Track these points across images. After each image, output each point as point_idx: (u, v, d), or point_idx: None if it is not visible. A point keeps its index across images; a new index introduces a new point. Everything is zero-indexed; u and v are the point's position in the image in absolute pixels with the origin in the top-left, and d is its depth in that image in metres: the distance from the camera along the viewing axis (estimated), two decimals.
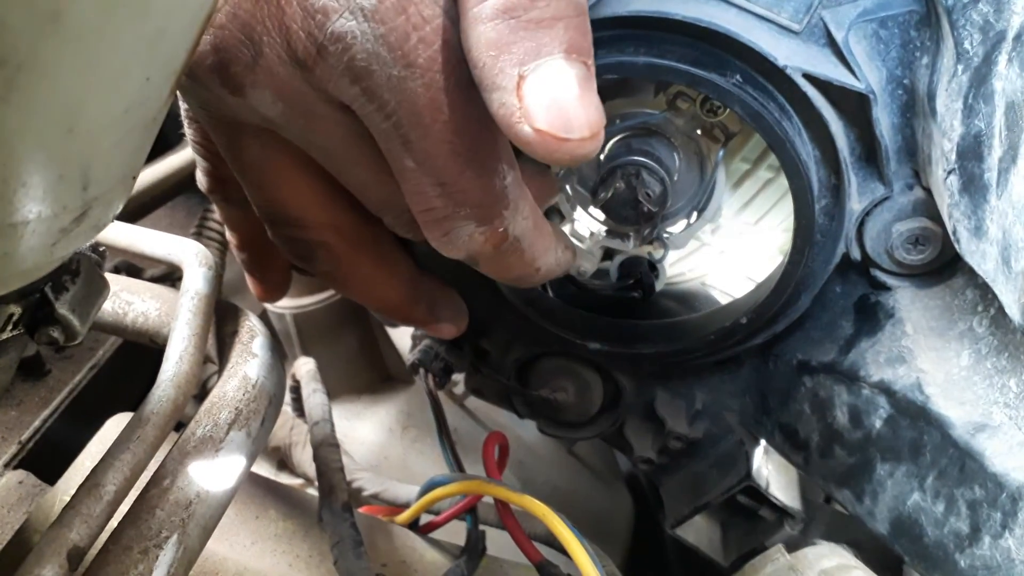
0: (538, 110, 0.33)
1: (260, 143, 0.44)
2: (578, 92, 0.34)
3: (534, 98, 0.33)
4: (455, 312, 0.58)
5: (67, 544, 0.33)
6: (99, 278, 0.38)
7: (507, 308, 0.62)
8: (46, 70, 0.23)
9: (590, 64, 0.35)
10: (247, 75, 0.38)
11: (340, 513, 0.48)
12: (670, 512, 0.67)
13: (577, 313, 0.64)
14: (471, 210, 0.40)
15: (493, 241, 0.42)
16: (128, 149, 0.30)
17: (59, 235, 0.30)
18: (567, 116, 0.33)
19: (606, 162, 0.59)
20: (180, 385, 0.40)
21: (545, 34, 0.33)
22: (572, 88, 0.34)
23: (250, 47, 0.37)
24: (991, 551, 0.43)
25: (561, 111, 0.33)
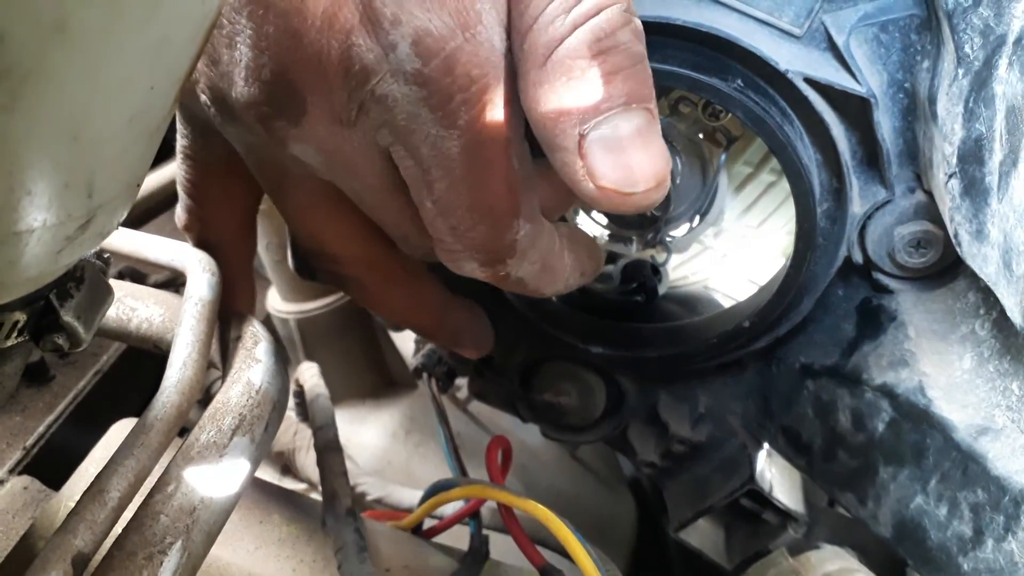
0: (601, 168, 0.34)
1: (302, 186, 0.44)
2: (640, 143, 0.34)
3: (595, 157, 0.34)
4: (479, 337, 0.59)
5: (72, 550, 0.33)
6: (103, 285, 0.38)
7: (510, 312, 0.62)
8: (51, 79, 0.23)
9: (652, 109, 0.34)
10: (291, 130, 0.38)
11: (344, 518, 0.48)
12: (673, 515, 0.67)
13: (580, 317, 0.64)
14: (477, 253, 0.41)
15: (495, 279, 0.43)
16: (133, 157, 0.30)
17: (64, 243, 0.30)
18: (630, 171, 0.34)
19: None
20: (184, 391, 0.40)
21: (607, 89, 0.33)
22: (633, 141, 0.34)
23: (295, 106, 0.37)
24: (994, 554, 0.43)
25: (624, 167, 0.34)
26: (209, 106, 0.41)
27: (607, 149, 0.34)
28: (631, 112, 0.34)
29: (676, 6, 0.49)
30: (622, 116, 0.34)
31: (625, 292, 0.65)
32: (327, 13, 0.34)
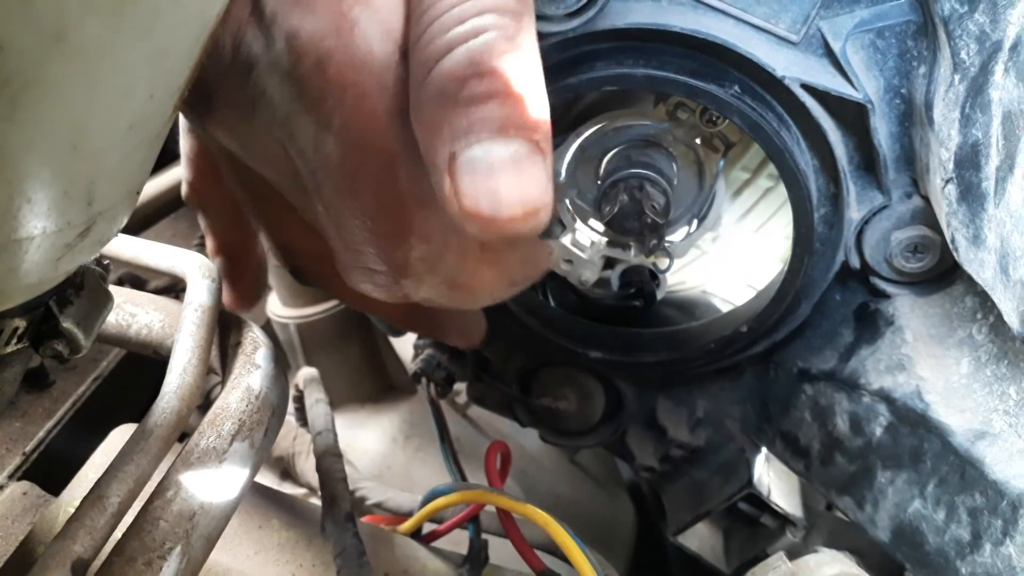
0: (465, 189, 0.33)
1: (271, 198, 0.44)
2: (511, 170, 0.33)
3: (461, 178, 0.33)
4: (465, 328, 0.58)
5: (71, 556, 0.33)
6: (103, 291, 0.39)
7: (509, 317, 0.62)
8: (51, 89, 0.23)
9: (537, 140, 0.33)
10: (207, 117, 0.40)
11: (343, 523, 0.48)
12: (672, 520, 0.67)
13: (578, 322, 0.64)
14: (368, 271, 0.40)
15: (392, 300, 0.42)
16: (132, 165, 0.31)
17: (64, 250, 0.30)
18: (495, 196, 0.32)
19: (606, 176, 0.59)
20: (184, 397, 0.40)
21: (478, 111, 0.33)
22: (504, 167, 0.33)
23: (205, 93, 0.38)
24: (992, 558, 0.43)
25: (489, 191, 0.32)
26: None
27: (474, 171, 0.33)
28: (507, 139, 0.33)
29: (673, 13, 0.49)
30: (497, 141, 0.33)
31: (623, 297, 0.65)
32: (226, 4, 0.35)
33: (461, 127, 0.33)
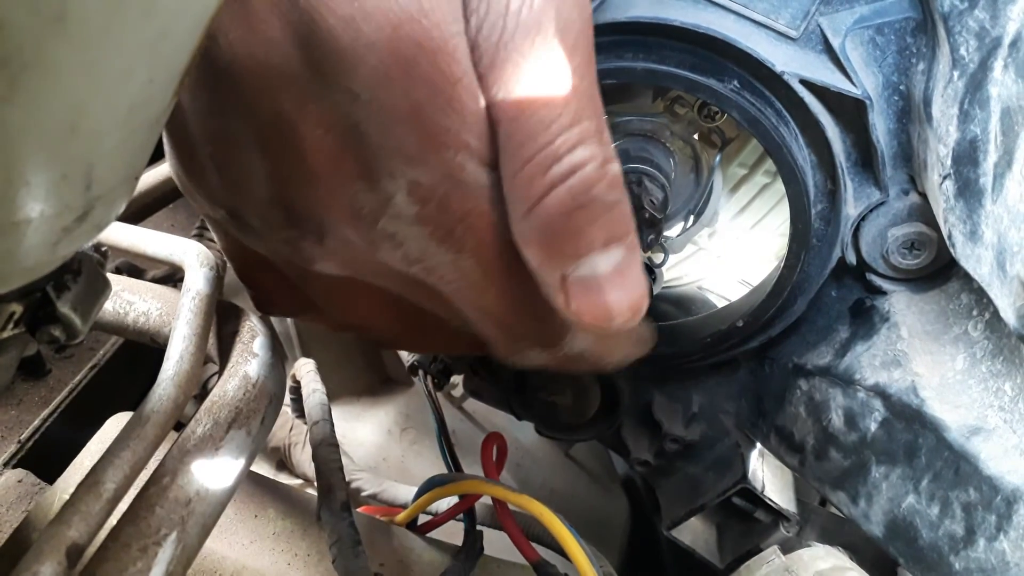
0: (581, 307, 0.37)
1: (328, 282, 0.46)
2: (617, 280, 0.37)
3: (575, 297, 0.37)
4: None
5: (66, 541, 0.33)
6: (101, 277, 0.39)
7: None
8: (50, 70, 0.23)
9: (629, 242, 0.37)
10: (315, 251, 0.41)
11: (339, 512, 0.48)
12: (666, 514, 0.67)
13: None
14: (533, 343, 0.44)
15: (556, 360, 0.46)
16: (131, 149, 0.31)
17: (61, 234, 0.30)
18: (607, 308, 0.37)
19: None
20: (181, 384, 0.40)
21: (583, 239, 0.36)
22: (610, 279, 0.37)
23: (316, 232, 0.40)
24: (986, 553, 0.43)
25: (601, 305, 0.37)
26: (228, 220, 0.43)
27: (586, 289, 0.37)
28: (609, 251, 0.37)
29: (673, 7, 0.49)
30: (600, 256, 0.36)
31: None
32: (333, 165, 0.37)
33: (570, 253, 0.36)
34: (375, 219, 0.39)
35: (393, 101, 0.36)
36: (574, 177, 0.36)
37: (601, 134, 0.36)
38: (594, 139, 0.36)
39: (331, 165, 0.38)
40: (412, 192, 0.37)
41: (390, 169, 0.37)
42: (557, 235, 0.36)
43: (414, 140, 0.36)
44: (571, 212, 0.36)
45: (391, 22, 0.35)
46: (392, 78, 0.35)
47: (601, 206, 0.36)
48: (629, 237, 0.37)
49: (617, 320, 0.37)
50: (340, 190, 0.38)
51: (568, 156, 0.36)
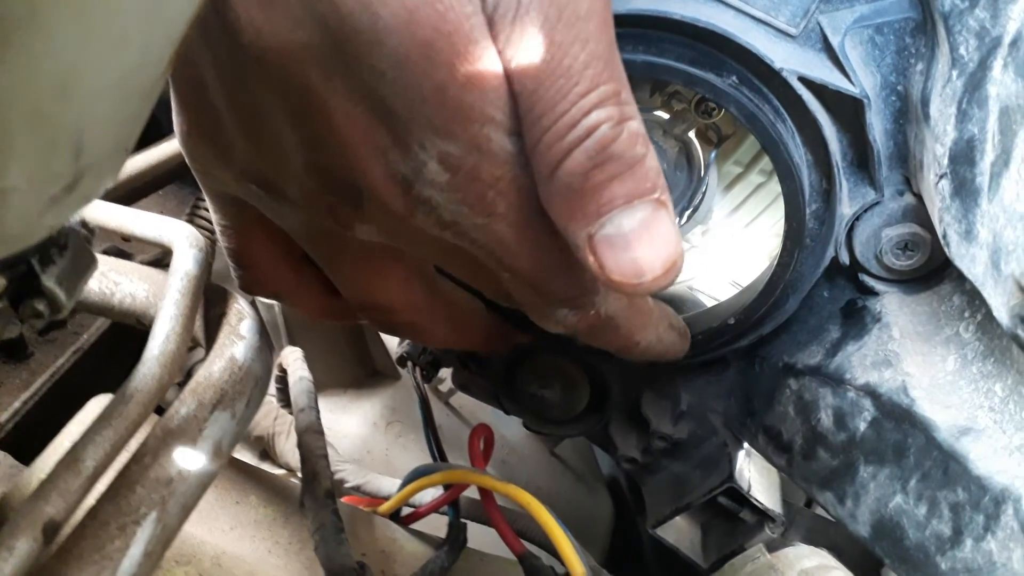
0: (610, 264, 0.37)
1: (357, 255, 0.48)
2: (645, 236, 0.37)
3: (603, 255, 0.37)
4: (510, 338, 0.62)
5: (43, 517, 0.32)
6: (87, 253, 0.38)
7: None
8: (42, 29, 0.23)
9: (658, 197, 0.37)
10: (354, 214, 0.42)
11: (322, 499, 0.48)
12: (651, 512, 0.67)
13: None
14: (564, 301, 0.45)
15: (587, 321, 0.46)
16: (123, 118, 0.30)
17: (48, 204, 0.29)
18: (636, 264, 0.37)
19: None
20: (165, 364, 0.40)
21: (604, 195, 0.37)
22: (638, 235, 0.37)
23: (354, 197, 0.41)
24: (973, 554, 0.43)
25: (630, 261, 0.37)
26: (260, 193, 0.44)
27: (612, 247, 0.37)
28: (633, 208, 0.37)
29: (674, 1, 0.49)
30: (624, 213, 0.37)
31: None
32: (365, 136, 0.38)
33: (592, 211, 0.37)
34: (410, 185, 0.39)
35: (416, 81, 0.36)
36: (590, 139, 0.36)
37: (619, 95, 0.37)
38: (610, 101, 0.36)
39: (363, 135, 0.39)
40: (443, 161, 0.38)
41: (420, 140, 0.38)
42: (579, 195, 0.37)
43: (440, 116, 0.37)
44: (588, 172, 0.37)
45: (407, 6, 0.35)
46: (413, 60, 0.36)
47: (619, 163, 0.37)
48: (656, 193, 0.37)
49: (648, 276, 0.37)
50: (374, 158, 0.39)
51: (584, 120, 0.36)
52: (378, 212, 0.41)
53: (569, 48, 0.36)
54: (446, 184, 0.39)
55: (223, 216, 0.50)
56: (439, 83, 0.36)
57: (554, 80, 0.36)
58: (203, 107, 0.42)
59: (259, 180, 0.44)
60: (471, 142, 0.38)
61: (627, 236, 0.37)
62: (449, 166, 0.39)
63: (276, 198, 0.44)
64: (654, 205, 0.37)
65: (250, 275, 0.52)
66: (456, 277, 0.52)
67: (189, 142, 0.45)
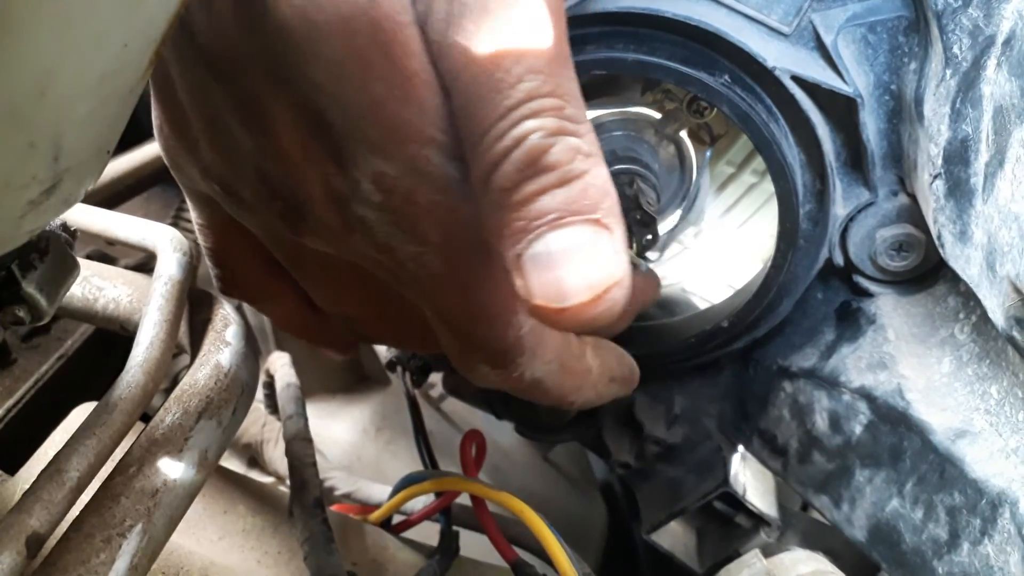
0: (532, 285, 0.33)
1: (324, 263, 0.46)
2: (575, 256, 0.33)
3: (528, 275, 0.34)
4: None
5: (26, 530, 0.31)
6: (69, 258, 0.37)
7: None
8: (19, 30, 0.22)
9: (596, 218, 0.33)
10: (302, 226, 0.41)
11: (311, 508, 0.47)
12: (646, 517, 0.66)
13: None
14: (484, 355, 0.42)
15: (509, 383, 0.44)
16: (102, 120, 0.29)
17: (27, 207, 0.29)
18: (559, 286, 0.33)
19: None
20: (149, 371, 0.39)
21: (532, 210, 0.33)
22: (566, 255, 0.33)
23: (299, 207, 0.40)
24: (970, 558, 0.42)
25: (552, 283, 0.33)
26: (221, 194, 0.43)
27: (537, 267, 0.33)
28: (564, 227, 0.33)
29: None
30: (554, 232, 0.33)
31: None
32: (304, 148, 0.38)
33: (520, 227, 0.34)
34: (346, 202, 0.38)
35: (353, 94, 0.35)
36: (518, 149, 0.33)
37: (560, 109, 0.34)
38: (547, 113, 0.33)
39: (301, 147, 0.38)
40: (377, 181, 0.37)
41: (355, 157, 0.37)
42: (507, 210, 0.34)
43: (376, 132, 0.36)
44: (517, 184, 0.33)
45: (341, 14, 0.34)
46: (349, 71, 0.35)
47: (551, 176, 0.33)
48: (597, 213, 0.33)
49: (571, 301, 0.33)
50: (312, 171, 0.38)
51: (512, 130, 0.33)
52: (319, 226, 0.40)
53: (501, 61, 0.33)
54: (379, 204, 0.37)
55: (199, 214, 0.49)
56: (376, 97, 0.35)
57: (486, 93, 0.34)
58: (173, 103, 0.41)
59: (219, 181, 0.42)
60: (408, 163, 0.36)
61: (552, 256, 0.33)
62: (383, 187, 0.37)
63: (234, 200, 0.43)
64: (593, 226, 0.33)
65: (225, 276, 0.51)
66: None
67: (162, 136, 0.44)
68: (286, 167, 0.39)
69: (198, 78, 0.38)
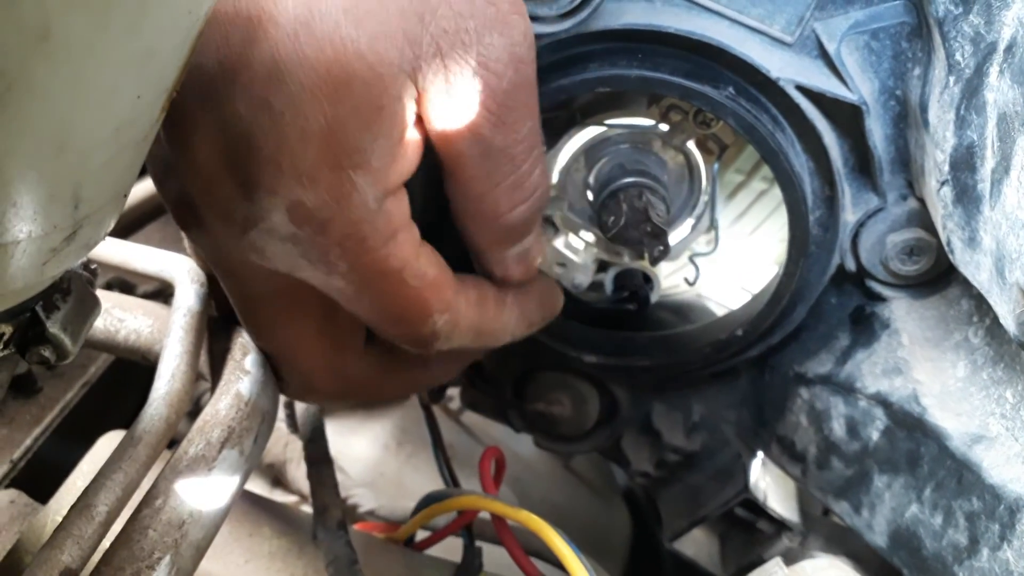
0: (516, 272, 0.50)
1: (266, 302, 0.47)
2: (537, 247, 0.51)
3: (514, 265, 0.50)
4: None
5: (59, 566, 0.32)
6: (90, 296, 0.38)
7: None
8: (36, 88, 0.23)
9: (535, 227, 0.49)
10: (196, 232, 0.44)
11: (335, 531, 0.48)
12: (668, 526, 0.66)
13: (573, 326, 0.64)
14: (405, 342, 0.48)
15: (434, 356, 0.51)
16: (119, 168, 0.30)
17: (49, 254, 0.29)
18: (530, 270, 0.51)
19: (601, 186, 0.58)
20: (172, 403, 0.40)
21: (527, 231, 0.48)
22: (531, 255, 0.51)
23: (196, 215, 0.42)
24: (990, 563, 0.42)
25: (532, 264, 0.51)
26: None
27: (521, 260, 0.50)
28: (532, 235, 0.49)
29: (667, 14, 0.49)
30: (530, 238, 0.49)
31: (617, 301, 0.65)
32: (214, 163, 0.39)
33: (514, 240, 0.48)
34: (245, 229, 0.41)
35: (311, 117, 0.38)
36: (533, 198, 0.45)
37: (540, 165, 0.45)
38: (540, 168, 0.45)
39: (213, 165, 0.39)
40: (292, 211, 0.40)
41: (273, 186, 0.39)
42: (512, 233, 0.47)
43: (314, 156, 0.38)
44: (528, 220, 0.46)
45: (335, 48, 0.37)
46: (319, 97, 0.37)
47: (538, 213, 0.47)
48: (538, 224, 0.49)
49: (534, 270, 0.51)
50: (216, 190, 0.40)
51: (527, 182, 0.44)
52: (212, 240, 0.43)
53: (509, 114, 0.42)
54: (288, 236, 0.40)
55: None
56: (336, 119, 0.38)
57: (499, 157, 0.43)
58: None
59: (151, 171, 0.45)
60: (333, 191, 0.39)
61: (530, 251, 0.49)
62: (297, 217, 0.40)
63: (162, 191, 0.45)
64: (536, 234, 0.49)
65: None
66: None
67: None
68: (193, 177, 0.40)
69: None
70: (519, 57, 0.41)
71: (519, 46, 0.41)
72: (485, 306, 0.50)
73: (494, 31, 0.40)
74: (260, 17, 0.37)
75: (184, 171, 0.41)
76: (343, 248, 0.41)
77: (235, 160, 0.39)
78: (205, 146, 0.39)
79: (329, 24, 0.37)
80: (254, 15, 0.37)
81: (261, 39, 0.37)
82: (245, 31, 0.37)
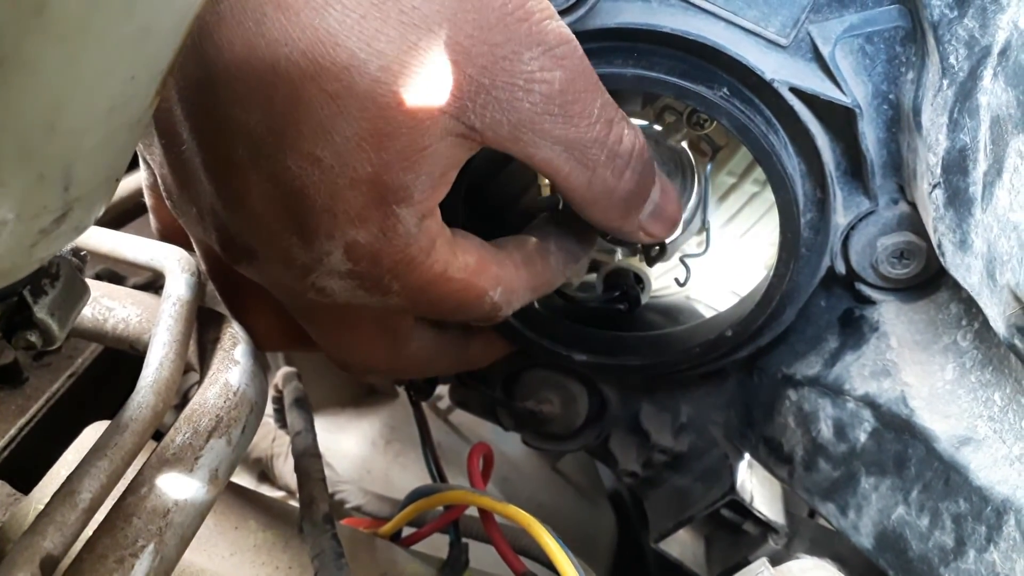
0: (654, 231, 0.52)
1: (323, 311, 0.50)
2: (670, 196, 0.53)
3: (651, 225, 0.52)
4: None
5: (40, 552, 0.32)
6: (79, 282, 0.38)
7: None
8: (29, 65, 0.23)
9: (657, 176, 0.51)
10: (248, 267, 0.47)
11: (321, 524, 0.47)
12: (654, 526, 0.66)
13: (563, 324, 0.64)
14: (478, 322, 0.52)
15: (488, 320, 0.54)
16: (112, 150, 0.30)
17: (38, 236, 0.29)
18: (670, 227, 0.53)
19: None
20: (160, 392, 0.40)
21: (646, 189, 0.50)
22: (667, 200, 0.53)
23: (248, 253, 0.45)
24: (976, 565, 0.43)
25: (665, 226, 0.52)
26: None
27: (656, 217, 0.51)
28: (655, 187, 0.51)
29: (663, 14, 0.49)
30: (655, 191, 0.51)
31: (608, 300, 0.65)
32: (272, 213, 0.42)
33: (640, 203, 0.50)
34: (306, 273, 0.44)
35: (358, 166, 0.40)
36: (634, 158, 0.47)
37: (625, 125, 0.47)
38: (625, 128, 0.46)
39: (271, 218, 0.42)
40: (349, 251, 0.43)
41: (330, 232, 0.42)
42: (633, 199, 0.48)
43: (364, 200, 0.41)
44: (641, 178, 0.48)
45: (377, 104, 0.39)
46: (365, 148, 0.40)
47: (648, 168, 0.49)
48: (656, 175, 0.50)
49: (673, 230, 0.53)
50: (277, 241, 0.43)
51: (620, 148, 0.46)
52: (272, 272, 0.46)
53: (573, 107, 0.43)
54: (347, 272, 0.43)
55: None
56: (382, 164, 0.40)
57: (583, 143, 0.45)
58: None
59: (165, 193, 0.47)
60: (380, 226, 0.42)
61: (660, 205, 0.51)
62: (354, 255, 0.43)
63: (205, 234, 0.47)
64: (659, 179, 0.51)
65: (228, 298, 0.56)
66: None
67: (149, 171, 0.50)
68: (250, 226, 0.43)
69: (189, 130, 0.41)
70: (562, 55, 0.42)
71: (560, 47, 0.42)
72: (532, 263, 0.52)
73: (532, 47, 0.41)
74: (302, 79, 0.38)
75: (241, 224, 0.43)
76: (394, 273, 0.44)
77: (292, 213, 0.41)
78: (261, 202, 0.41)
79: (368, 82, 0.38)
80: (295, 76, 0.38)
81: (304, 100, 0.38)
82: (288, 93, 0.38)
